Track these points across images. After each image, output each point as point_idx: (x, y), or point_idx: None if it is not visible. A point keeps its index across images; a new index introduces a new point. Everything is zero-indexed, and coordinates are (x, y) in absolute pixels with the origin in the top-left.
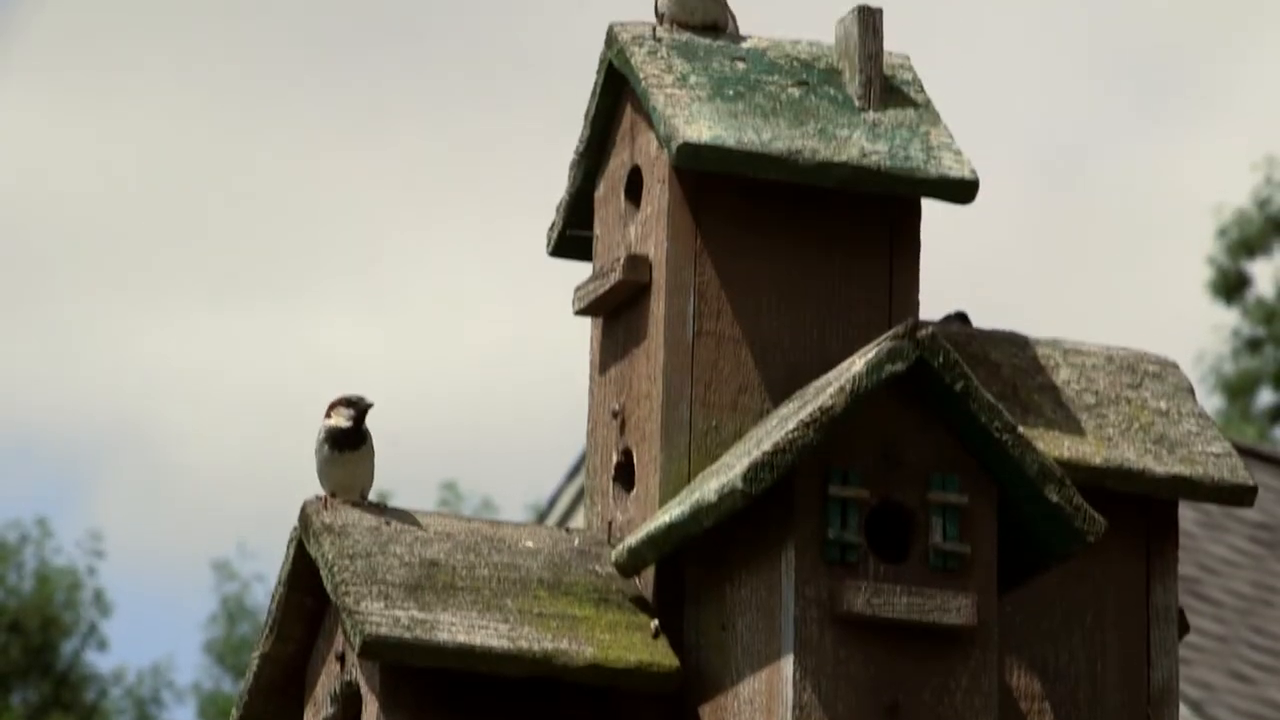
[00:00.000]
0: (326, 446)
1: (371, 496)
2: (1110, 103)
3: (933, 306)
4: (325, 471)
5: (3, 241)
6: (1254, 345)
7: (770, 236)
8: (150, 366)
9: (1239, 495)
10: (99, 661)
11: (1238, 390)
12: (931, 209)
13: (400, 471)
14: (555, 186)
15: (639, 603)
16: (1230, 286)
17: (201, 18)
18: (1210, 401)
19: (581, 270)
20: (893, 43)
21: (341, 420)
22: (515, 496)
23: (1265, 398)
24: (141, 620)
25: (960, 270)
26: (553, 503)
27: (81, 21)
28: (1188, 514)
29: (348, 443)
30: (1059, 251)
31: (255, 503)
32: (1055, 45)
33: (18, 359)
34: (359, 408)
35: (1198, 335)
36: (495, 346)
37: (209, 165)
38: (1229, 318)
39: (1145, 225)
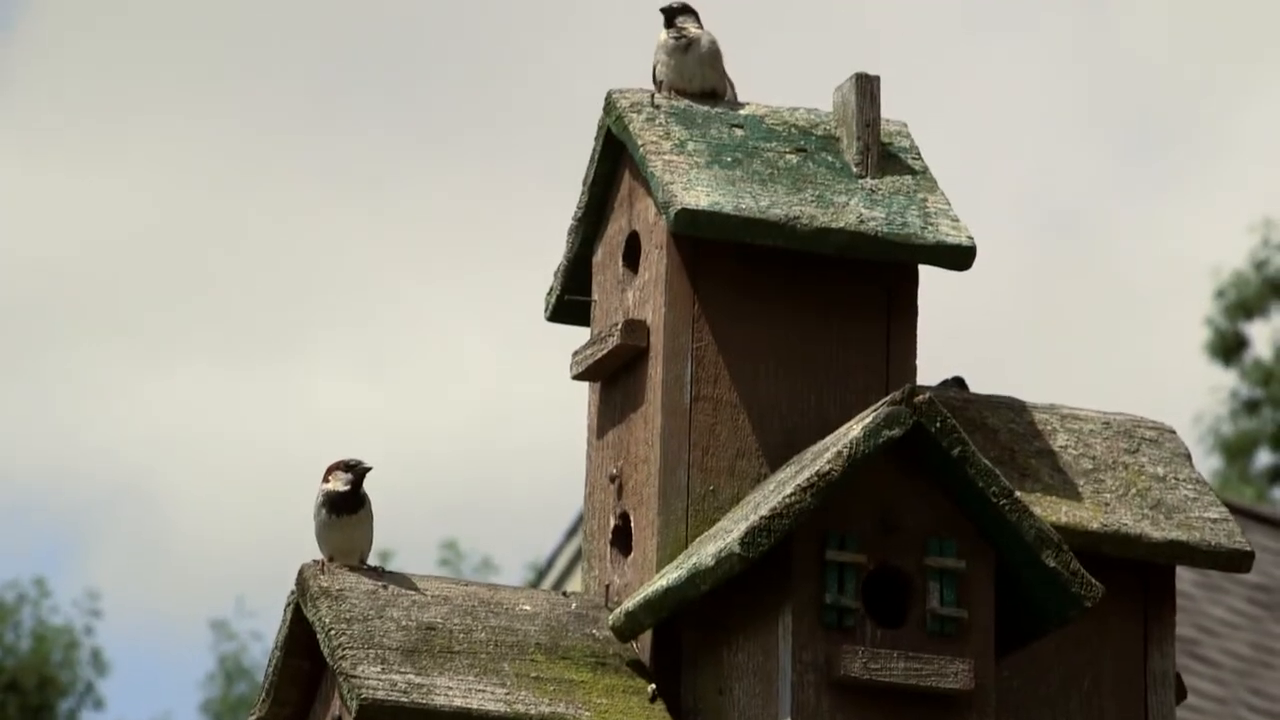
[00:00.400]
0: (324, 511)
1: (372, 554)
2: (1106, 165)
3: (930, 370)
4: (323, 535)
5: (6, 303)
6: (1252, 407)
7: (768, 302)
8: (148, 426)
9: (1236, 560)
10: None
11: (1236, 451)
12: (929, 272)
13: (401, 530)
14: (552, 247)
15: (636, 667)
16: (1228, 348)
17: (200, 78)
18: (1209, 462)
19: (579, 333)
20: (890, 108)
21: (339, 484)
22: (515, 555)
23: (1264, 459)
24: (138, 679)
25: (957, 333)
26: (551, 562)
27: (80, 80)
28: (1186, 575)
29: (345, 507)
30: (1056, 313)
31: (253, 562)
32: (1051, 108)
33: (16, 418)
34: (356, 472)
35: (1196, 396)
36: (493, 406)
37: (207, 225)
38: (1227, 379)
39: (1142, 287)
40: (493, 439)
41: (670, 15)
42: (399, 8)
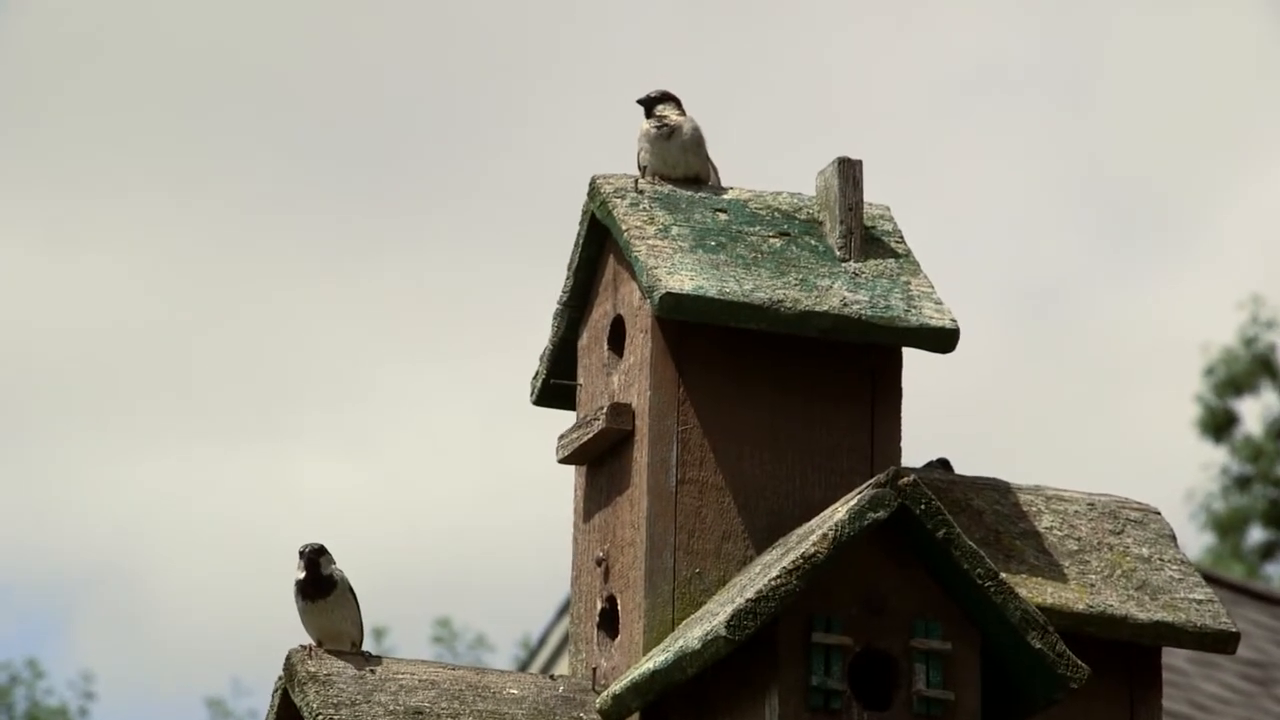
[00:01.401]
0: (299, 598)
1: (367, 630)
2: (1091, 243)
3: (915, 450)
4: (304, 621)
5: None
6: (1243, 483)
7: (753, 385)
8: (131, 507)
9: (1222, 642)
10: None
11: (1228, 528)
12: (914, 353)
13: (394, 608)
14: (535, 327)
15: None
16: (1218, 425)
17: (182, 162)
18: (1200, 539)
19: (565, 415)
20: (873, 189)
21: (299, 572)
22: (509, 632)
23: (1255, 535)
24: None
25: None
26: (542, 641)
27: (61, 165)
28: (1179, 651)
29: (313, 592)
30: (1044, 392)
31: (241, 642)
32: (1035, 187)
33: (2, 498)
34: (304, 556)
35: (1187, 473)
36: (480, 486)
37: (189, 307)
38: (1218, 455)
39: (1131, 365)
40: (482, 518)
41: (649, 105)
42: (383, 93)
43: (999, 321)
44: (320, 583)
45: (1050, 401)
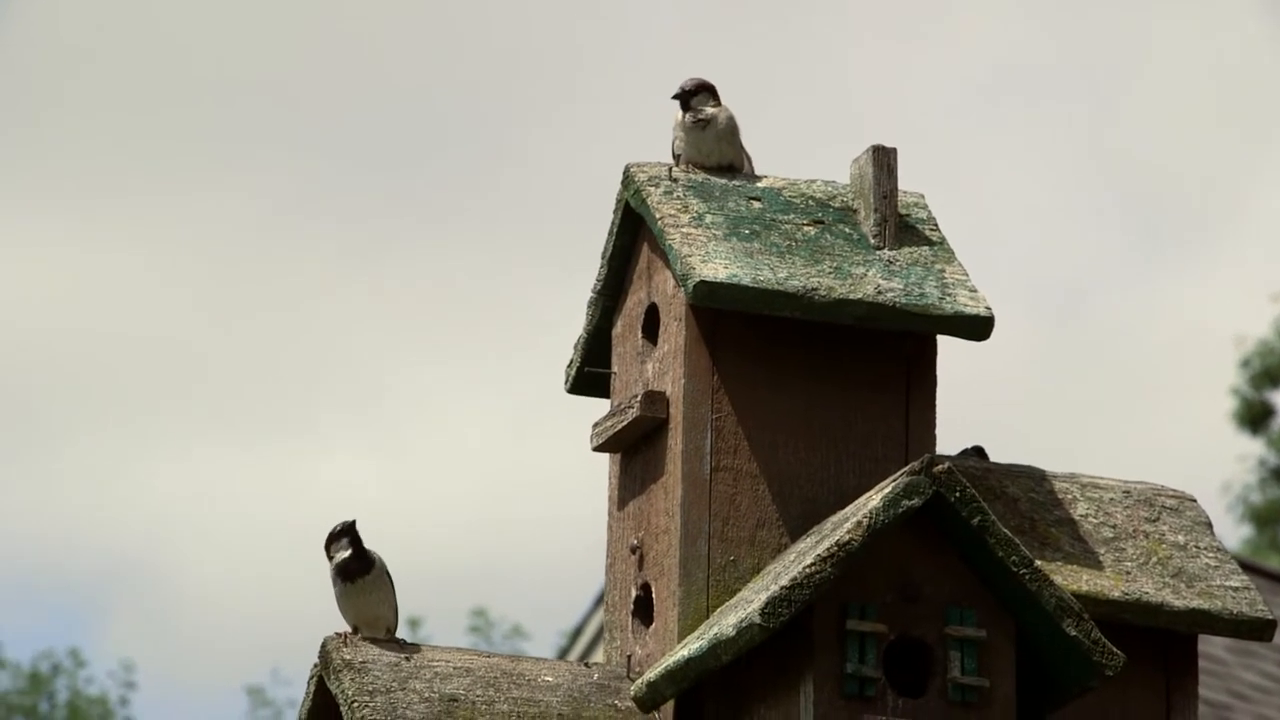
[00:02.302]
0: (338, 581)
1: (403, 621)
2: (1123, 237)
3: (950, 439)
4: (342, 605)
5: (18, 381)
6: None
7: (787, 373)
8: (159, 504)
9: (1258, 629)
10: None
11: (1265, 519)
12: (950, 343)
13: (431, 599)
14: (557, 322)
15: None
16: (1255, 417)
17: (203, 163)
18: (1238, 531)
19: (595, 404)
20: (906, 181)
21: (342, 551)
22: (546, 623)
23: None
24: None
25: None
26: (578, 631)
27: (83, 165)
28: (1218, 641)
29: (355, 571)
30: (1079, 386)
31: (279, 634)
32: (1067, 182)
33: (31, 496)
34: (347, 532)
35: (1224, 465)
36: (510, 478)
37: (217, 306)
38: (1254, 448)
39: (1165, 358)
40: (514, 509)
41: (685, 99)
42: (408, 91)
43: (1032, 317)
44: (363, 560)
45: (1085, 396)
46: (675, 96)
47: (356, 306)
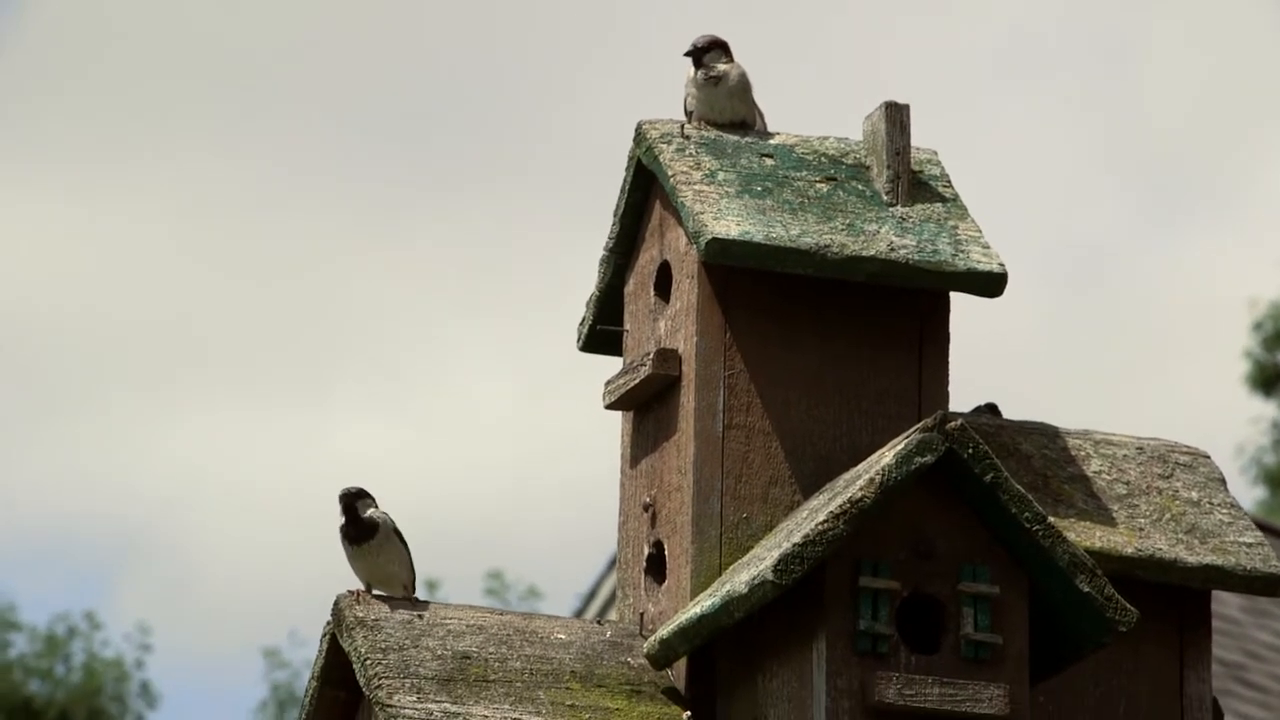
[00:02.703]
0: (344, 544)
1: (420, 584)
2: (1136, 202)
3: (964, 401)
4: (355, 568)
5: (35, 347)
6: None
7: (799, 330)
8: (173, 468)
9: (1271, 585)
10: None
11: (1279, 480)
12: (965, 308)
13: (446, 562)
14: (571, 286)
15: (671, 694)
16: (1267, 379)
17: (224, 129)
18: (1253, 493)
19: (608, 365)
20: (919, 138)
21: (341, 518)
22: (562, 585)
23: None
24: (196, 709)
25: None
26: (593, 593)
27: (98, 127)
28: (1233, 600)
29: (358, 535)
30: (1093, 349)
31: (294, 597)
32: (1086, 146)
33: (45, 461)
34: (341, 501)
35: (1237, 428)
36: (525, 441)
37: (230, 272)
38: (1268, 410)
39: (1178, 321)
40: (531, 473)
41: (698, 56)
42: (424, 54)
43: (1047, 282)
44: (361, 525)
45: (1099, 359)
46: (688, 53)
47: (372, 273)
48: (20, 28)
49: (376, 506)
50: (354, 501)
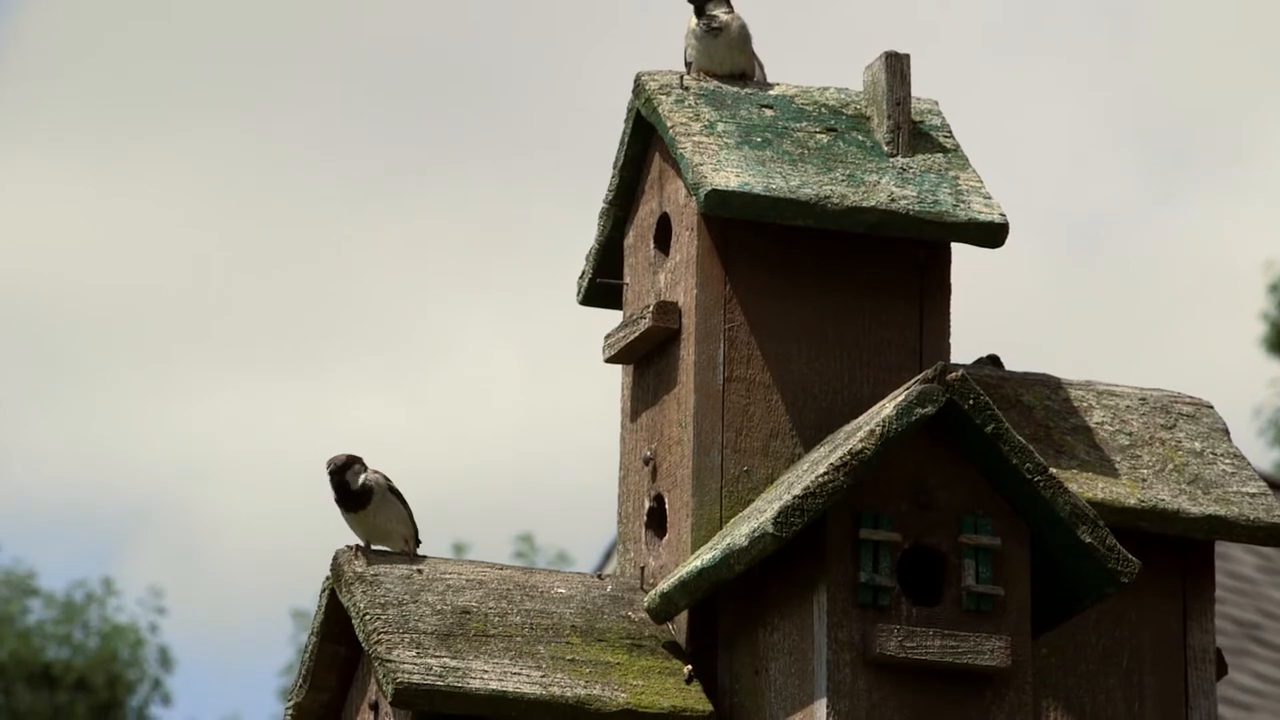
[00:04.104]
0: (342, 512)
1: (448, 547)
2: (1152, 164)
3: (967, 352)
4: (352, 530)
5: (47, 322)
6: None
7: (800, 282)
8: (182, 442)
9: (1275, 535)
10: (166, 717)
11: None
12: (976, 271)
13: (476, 525)
14: (579, 255)
15: (672, 648)
16: None
17: (229, 104)
18: (1270, 454)
19: (612, 316)
20: (920, 89)
21: (334, 493)
22: (591, 548)
23: None
24: (211, 678)
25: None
26: (609, 555)
27: (109, 104)
28: (1248, 559)
29: (351, 504)
30: (1108, 314)
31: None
32: (1097, 109)
33: (56, 434)
34: (331, 476)
35: (1255, 390)
36: (554, 404)
37: (238, 245)
38: None
39: (1195, 284)
40: (549, 438)
41: (699, 4)
42: (428, 29)
43: (1060, 245)
44: (353, 496)
45: (1114, 322)
46: (689, 0)
47: (378, 245)
48: (28, 6)
49: (367, 469)
50: (343, 473)
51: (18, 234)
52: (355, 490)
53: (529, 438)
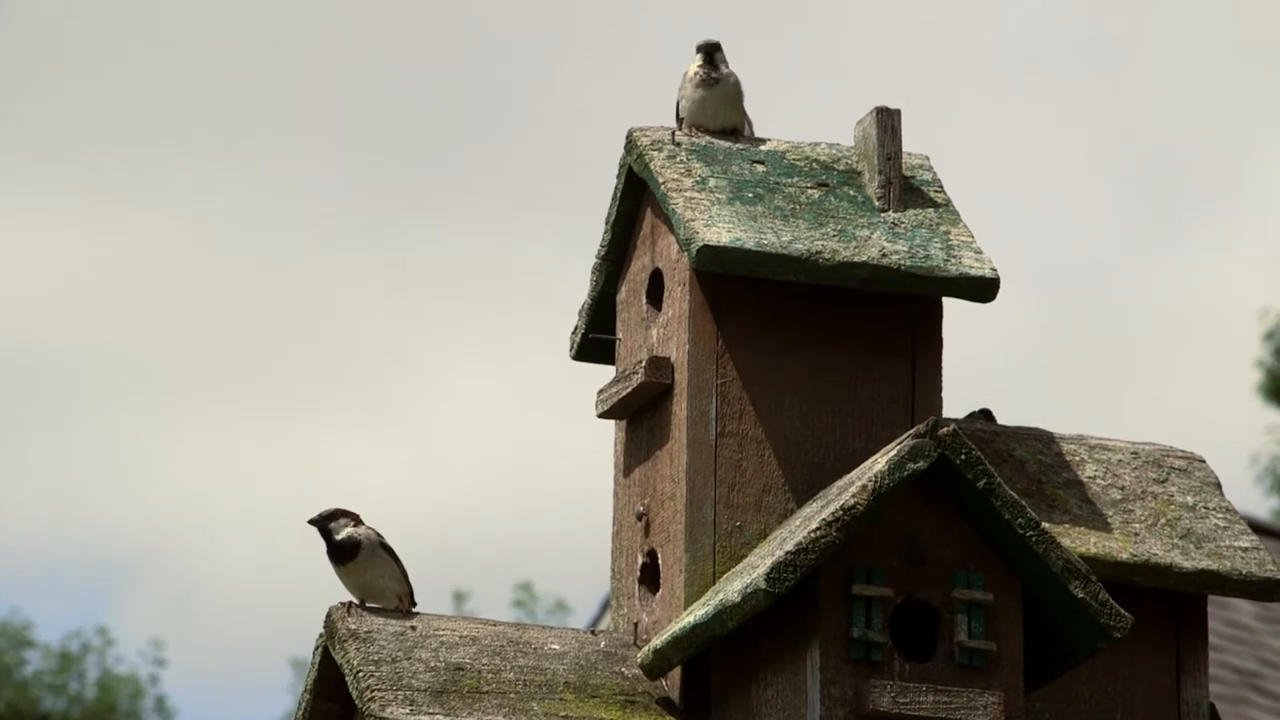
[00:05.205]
0: (332, 564)
1: (448, 595)
2: (1145, 212)
3: (960, 405)
4: (345, 584)
5: (39, 370)
6: None
7: (791, 337)
8: (173, 488)
9: (1268, 590)
10: None
11: None
12: (966, 316)
13: (476, 574)
14: (569, 298)
15: (666, 704)
16: (1279, 388)
17: (222, 147)
18: (1268, 502)
19: (605, 371)
20: (915, 149)
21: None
22: (589, 595)
23: None
24: None
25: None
26: (605, 606)
27: (104, 146)
28: (1247, 608)
29: (341, 556)
30: (1102, 362)
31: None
32: (1088, 157)
33: (45, 481)
34: (316, 527)
35: (1251, 438)
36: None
37: (234, 289)
38: None
39: (1190, 332)
40: (544, 485)
41: (710, 51)
42: (419, 72)
43: (1053, 295)
44: (341, 546)
45: (1108, 372)
46: (701, 47)
47: (369, 290)
48: (21, 43)
49: (359, 524)
50: (327, 524)
51: (12, 279)
52: (338, 541)
53: (523, 483)
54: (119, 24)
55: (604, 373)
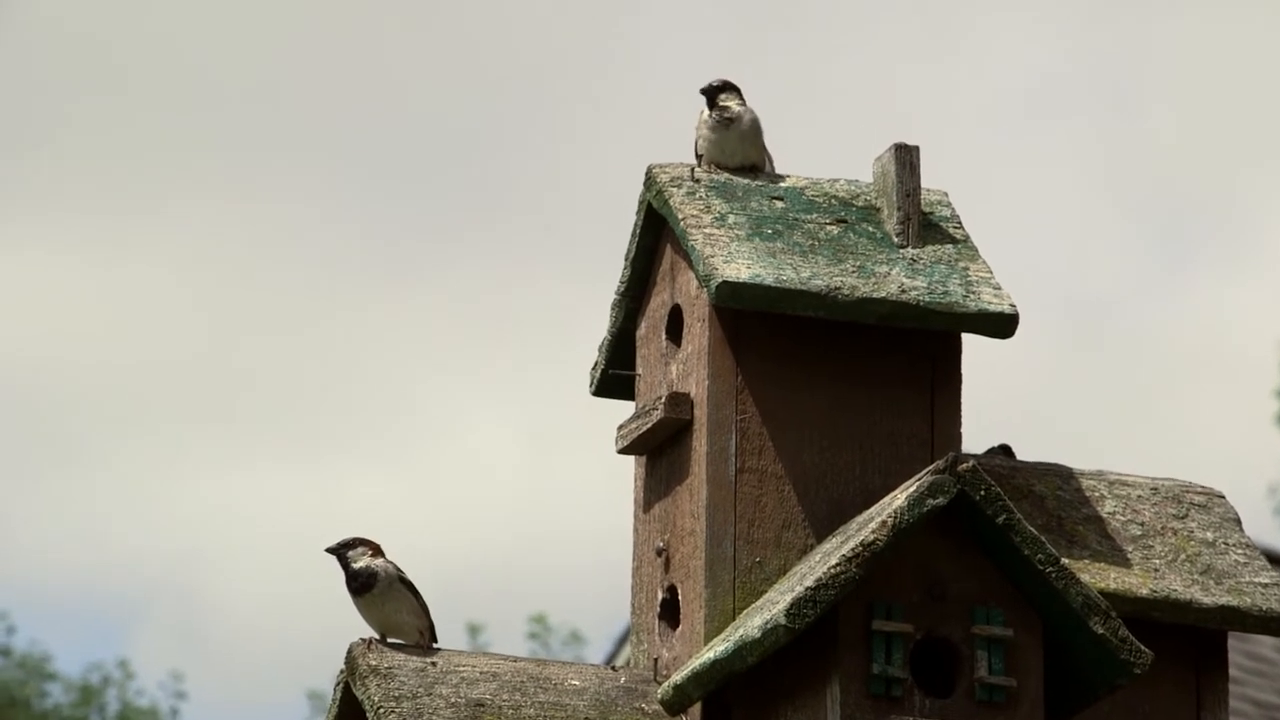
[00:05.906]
0: (351, 597)
1: (462, 628)
2: (1160, 243)
3: (983, 445)
4: (364, 619)
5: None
6: None
7: (811, 372)
8: (191, 524)
9: None
10: None
11: None
12: (984, 353)
13: (489, 605)
14: (580, 331)
15: None
16: None
17: (231, 183)
18: None
19: (623, 409)
20: (929, 182)
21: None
22: (604, 624)
23: None
24: None
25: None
26: (623, 641)
27: (110, 182)
28: (1268, 641)
29: (358, 587)
30: (1118, 393)
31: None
32: (1103, 187)
33: (57, 515)
34: (333, 552)
35: (1269, 468)
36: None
37: (244, 325)
38: None
39: (1206, 363)
40: (561, 518)
41: (712, 95)
42: (429, 110)
43: (1069, 326)
44: (358, 576)
45: (1124, 403)
46: (703, 91)
47: (379, 325)
48: (24, 77)
49: (379, 555)
50: (344, 553)
51: (16, 315)
52: (355, 570)
53: (535, 516)
54: (124, 54)
55: (623, 408)
